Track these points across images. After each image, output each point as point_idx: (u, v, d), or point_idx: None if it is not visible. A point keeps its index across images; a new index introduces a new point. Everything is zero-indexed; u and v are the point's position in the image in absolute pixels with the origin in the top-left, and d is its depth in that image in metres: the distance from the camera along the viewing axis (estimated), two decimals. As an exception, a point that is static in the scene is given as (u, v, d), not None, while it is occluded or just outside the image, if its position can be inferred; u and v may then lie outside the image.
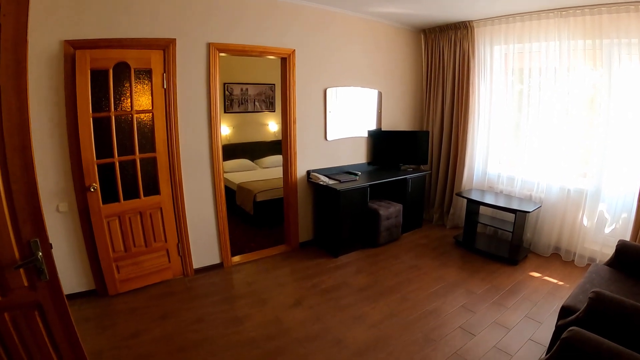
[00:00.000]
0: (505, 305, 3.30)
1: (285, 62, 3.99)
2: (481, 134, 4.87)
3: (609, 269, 2.99)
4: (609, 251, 3.75)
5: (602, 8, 3.59)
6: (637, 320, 1.96)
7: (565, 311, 2.43)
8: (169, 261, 3.61)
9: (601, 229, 3.98)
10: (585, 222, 4.07)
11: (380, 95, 5.01)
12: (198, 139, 3.58)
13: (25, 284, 1.50)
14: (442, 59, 5.06)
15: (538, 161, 4.41)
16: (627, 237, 3.61)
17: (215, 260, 3.91)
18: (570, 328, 1.80)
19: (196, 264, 3.77)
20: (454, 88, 4.96)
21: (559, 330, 2.34)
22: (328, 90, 4.38)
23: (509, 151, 4.75)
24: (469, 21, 4.64)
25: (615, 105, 3.73)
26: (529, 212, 4.04)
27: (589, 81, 3.99)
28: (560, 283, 3.70)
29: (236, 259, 4.12)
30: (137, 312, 3.10)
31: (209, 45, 3.47)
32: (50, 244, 1.55)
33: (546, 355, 1.86)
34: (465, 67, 4.73)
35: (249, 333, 2.84)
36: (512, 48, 4.45)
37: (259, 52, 3.80)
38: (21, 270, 1.48)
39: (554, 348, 1.81)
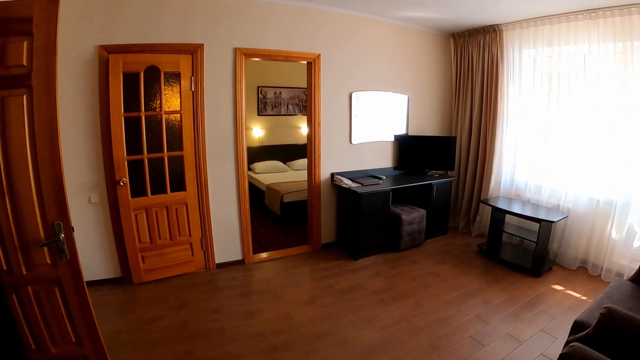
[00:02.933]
0: (522, 317, 3.26)
1: (311, 66, 4.15)
2: (509, 140, 4.82)
3: (631, 285, 2.87)
4: (638, 266, 3.61)
5: (632, 8, 3.48)
6: None
7: (577, 326, 2.38)
8: (192, 255, 3.84)
9: (630, 242, 3.82)
10: (614, 234, 3.92)
11: (408, 99, 5.07)
12: (224, 139, 3.80)
13: (48, 261, 1.73)
14: (471, 64, 5.05)
15: (567, 170, 4.30)
16: None
17: (237, 256, 4.11)
18: (572, 344, 1.77)
19: (218, 259, 3.99)
20: (482, 93, 4.94)
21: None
22: (353, 95, 4.50)
23: (538, 159, 4.66)
24: (497, 25, 4.62)
25: None
26: (554, 221, 3.95)
27: (620, 85, 3.85)
28: (584, 298, 3.59)
29: (258, 256, 4.32)
30: (157, 300, 3.34)
31: (235, 50, 3.68)
32: (72, 227, 1.77)
33: None
34: (494, 72, 4.70)
35: (259, 326, 2.99)
36: (541, 52, 4.39)
37: (284, 57, 3.99)
38: (45, 249, 1.71)
39: None
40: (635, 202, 3.78)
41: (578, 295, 3.65)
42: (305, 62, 4.17)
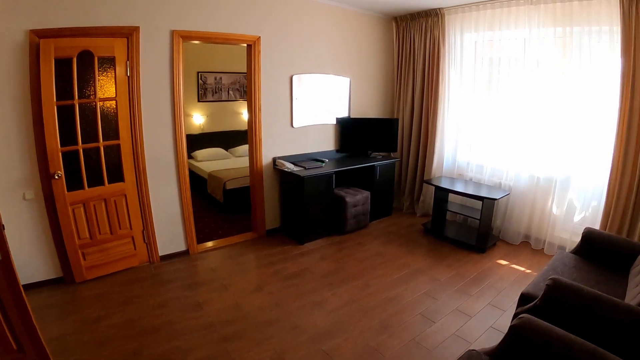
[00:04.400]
0: (469, 292, 3.58)
1: (251, 49, 4.22)
2: (451, 121, 5.20)
3: (574, 257, 3.22)
4: (579, 239, 4.10)
5: (573, -6, 3.82)
6: (596, 308, 2.09)
7: (524, 298, 2.64)
8: (135, 248, 3.87)
9: (571, 217, 4.31)
10: (555, 210, 4.41)
11: (349, 82, 5.28)
12: (161, 126, 3.80)
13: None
14: (413, 47, 5.34)
15: (507, 149, 4.74)
16: (597, 226, 3.96)
17: (181, 247, 4.18)
18: (521, 315, 1.94)
19: (162, 251, 4.05)
20: (424, 76, 5.26)
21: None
22: (294, 78, 4.64)
23: (479, 139, 5.08)
24: (439, 8, 4.91)
25: (585, 93, 4.02)
26: (496, 199, 4.35)
27: (559, 69, 4.25)
28: (528, 271, 4.02)
29: (203, 246, 4.41)
30: (101, 298, 3.36)
31: (172, 32, 3.67)
32: (3, 225, 1.76)
33: (498, 344, 2.01)
34: (436, 55, 5.02)
35: (209, 318, 3.11)
36: (482, 36, 4.74)
37: (223, 39, 4.02)
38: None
39: (504, 336, 1.97)
40: (574, 178, 4.25)
41: (522, 269, 4.07)
42: (245, 45, 4.23)
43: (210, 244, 4.51)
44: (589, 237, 3.27)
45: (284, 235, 4.83)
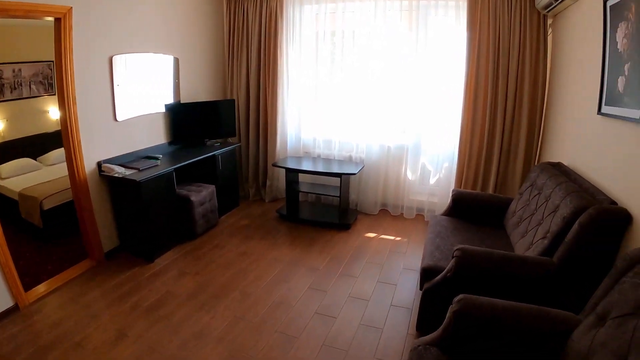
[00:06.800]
0: (354, 275, 3.69)
1: (60, 24, 3.30)
2: (292, 99, 5.17)
3: (448, 219, 3.63)
4: (436, 200, 4.78)
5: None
6: (506, 267, 2.44)
7: (427, 272, 2.82)
8: None
9: (425, 180, 4.91)
10: (409, 175, 4.91)
11: (177, 61, 4.71)
12: None
13: None
14: (246, 20, 5.06)
15: (355, 122, 5.00)
16: (452, 185, 4.58)
17: (7, 303, 3.16)
18: (459, 298, 2.02)
19: (-17, 317, 2.99)
20: (260, 51, 5.08)
21: (427, 293, 2.74)
22: (115, 59, 3.88)
23: (324, 115, 5.21)
24: (275, -23, 4.75)
25: (431, 65, 4.49)
26: (354, 173, 4.57)
27: (405, 42, 4.63)
28: (398, 239, 4.39)
29: (33, 292, 3.42)
30: None
31: None
32: None
33: (440, 332, 2.05)
34: (273, 29, 4.88)
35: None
36: (324, 8, 4.77)
37: (24, 12, 3.02)
38: None
39: (446, 323, 2.01)
40: (425, 144, 4.79)
41: (392, 237, 4.44)
42: (53, 19, 3.29)
43: (42, 288, 3.52)
44: (459, 198, 3.74)
45: (127, 254, 4.13)
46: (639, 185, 2.21)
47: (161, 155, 4.36)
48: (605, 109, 2.63)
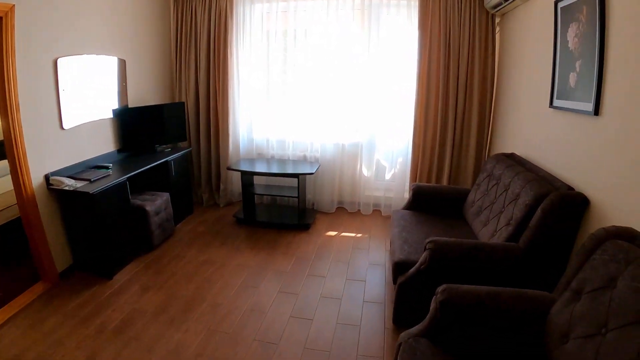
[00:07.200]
0: (321, 274, 3.74)
1: (1, 24, 3.06)
2: (243, 99, 5.14)
3: (410, 212, 3.79)
4: (392, 194, 4.94)
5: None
6: (478, 255, 2.61)
7: (399, 266, 2.92)
8: None
9: (381, 176, 5.08)
10: (365, 172, 5.04)
11: (123, 63, 4.52)
12: None
13: None
14: (194, 20, 4.96)
15: (309, 122, 5.07)
16: (407, 179, 4.77)
17: None
18: (443, 288, 2.10)
19: None
20: (209, 52, 5.00)
21: (402, 286, 2.83)
22: (60, 61, 3.66)
23: (277, 115, 5.23)
24: (223, -24, 4.69)
25: (383, 63, 4.64)
26: (312, 173, 4.62)
27: (357, 40, 4.75)
28: (359, 235, 4.51)
29: None
30: None
31: None
32: None
33: (426, 323, 2.11)
34: (222, 28, 4.82)
35: None
36: (275, 6, 4.79)
37: None
38: None
39: (432, 313, 2.09)
40: (379, 141, 4.96)
41: (353, 234, 4.55)
42: None
43: (-4, 316, 3.22)
44: (419, 192, 3.93)
45: (83, 272, 3.88)
46: (592, 171, 2.45)
47: (111, 164, 4.17)
48: (557, 102, 2.87)
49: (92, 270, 3.87)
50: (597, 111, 2.34)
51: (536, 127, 3.37)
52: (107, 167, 4.05)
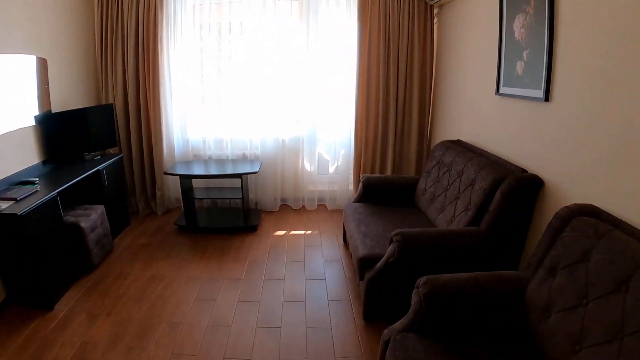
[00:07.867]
0: (279, 277, 3.67)
1: None
2: (175, 98, 4.93)
3: (363, 205, 3.86)
4: (336, 187, 5.02)
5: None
6: (445, 242, 2.73)
7: (365, 262, 2.94)
8: None
9: (324, 169, 5.12)
10: (307, 167, 5.05)
11: (44, 63, 4.09)
12: None
13: None
14: (120, 14, 4.62)
15: (247, 118, 4.99)
16: (351, 171, 4.86)
17: None
18: (424, 281, 2.14)
19: None
20: (137, 49, 4.71)
21: (371, 282, 2.86)
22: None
23: (213, 113, 5.11)
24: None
25: (323, 56, 4.68)
26: (255, 172, 4.53)
27: (295, 32, 4.74)
28: (309, 232, 4.53)
29: None
30: None
31: None
32: None
33: (411, 317, 2.13)
34: (152, 23, 4.55)
35: None
36: None
37: None
38: None
39: (416, 306, 2.11)
40: (320, 134, 4.99)
41: (302, 232, 4.56)
42: None
43: None
44: (369, 183, 4.02)
45: (20, 306, 3.43)
46: (544, 154, 2.65)
47: (38, 179, 3.79)
48: (503, 89, 3.06)
49: (30, 303, 3.46)
50: (547, 97, 2.53)
51: (482, 113, 3.57)
52: (33, 183, 3.67)
